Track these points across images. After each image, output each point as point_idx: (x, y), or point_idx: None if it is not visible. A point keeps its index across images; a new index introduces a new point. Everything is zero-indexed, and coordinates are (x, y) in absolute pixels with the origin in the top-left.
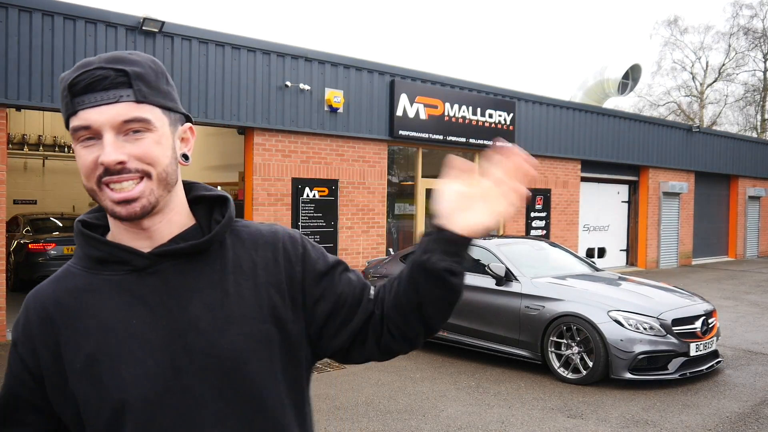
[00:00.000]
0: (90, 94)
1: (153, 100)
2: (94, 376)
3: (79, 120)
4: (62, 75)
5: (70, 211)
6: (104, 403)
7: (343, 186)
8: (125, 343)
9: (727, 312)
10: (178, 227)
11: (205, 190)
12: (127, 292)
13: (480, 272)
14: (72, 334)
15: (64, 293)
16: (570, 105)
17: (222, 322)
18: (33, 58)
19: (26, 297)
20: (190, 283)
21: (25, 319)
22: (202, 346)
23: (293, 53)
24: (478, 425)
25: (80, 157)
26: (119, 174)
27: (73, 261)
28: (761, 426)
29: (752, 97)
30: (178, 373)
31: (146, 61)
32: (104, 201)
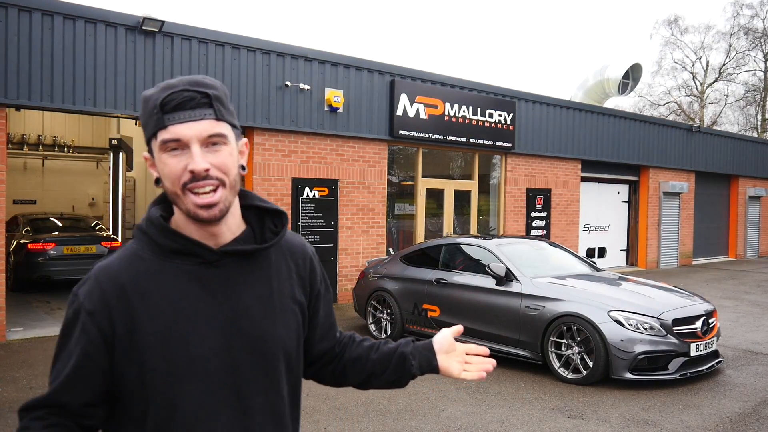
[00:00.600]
0: (179, 112)
1: (227, 118)
2: (164, 349)
3: (169, 133)
4: (146, 94)
5: (69, 210)
6: (171, 372)
7: (343, 186)
8: (193, 323)
9: (727, 312)
10: (234, 229)
11: (260, 201)
12: (196, 280)
13: (480, 272)
14: (147, 311)
15: (139, 274)
16: (570, 105)
17: (268, 312)
18: (33, 58)
19: (96, 272)
20: (245, 278)
21: (101, 292)
22: (252, 330)
23: (293, 53)
24: (478, 425)
25: (167, 165)
26: (204, 180)
27: (139, 246)
28: (761, 426)
29: (752, 96)
30: (231, 351)
31: (220, 85)
32: (186, 204)
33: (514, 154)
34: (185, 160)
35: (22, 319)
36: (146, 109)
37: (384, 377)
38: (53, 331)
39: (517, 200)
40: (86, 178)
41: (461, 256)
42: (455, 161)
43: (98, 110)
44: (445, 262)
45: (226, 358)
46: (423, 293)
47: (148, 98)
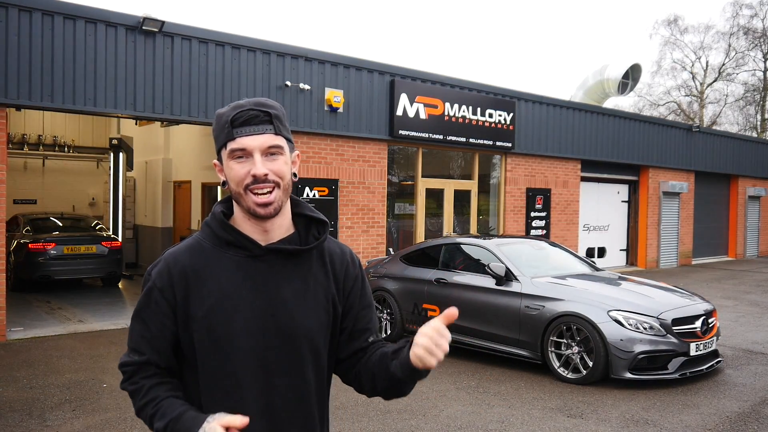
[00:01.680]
0: (246, 127)
1: (283, 133)
2: (210, 324)
3: (237, 144)
4: (219, 112)
5: (69, 210)
6: (215, 345)
7: (343, 186)
8: (236, 305)
9: (727, 312)
10: (283, 230)
11: (309, 211)
12: (243, 269)
13: (480, 272)
14: (199, 290)
15: (198, 260)
16: (570, 105)
17: (302, 306)
18: (33, 58)
19: (166, 257)
20: (286, 273)
21: (168, 273)
22: (286, 319)
23: (293, 53)
24: (478, 425)
25: (233, 170)
26: (263, 183)
27: (203, 236)
28: (761, 426)
29: (752, 96)
30: (265, 333)
31: (279, 106)
32: (247, 202)
33: (513, 154)
34: (248, 166)
35: (23, 318)
36: (219, 124)
37: (380, 380)
38: (54, 330)
39: (516, 200)
40: (86, 178)
41: (461, 255)
42: (455, 161)
43: (98, 110)
44: (445, 261)
45: (260, 338)
46: (423, 293)
47: (221, 115)
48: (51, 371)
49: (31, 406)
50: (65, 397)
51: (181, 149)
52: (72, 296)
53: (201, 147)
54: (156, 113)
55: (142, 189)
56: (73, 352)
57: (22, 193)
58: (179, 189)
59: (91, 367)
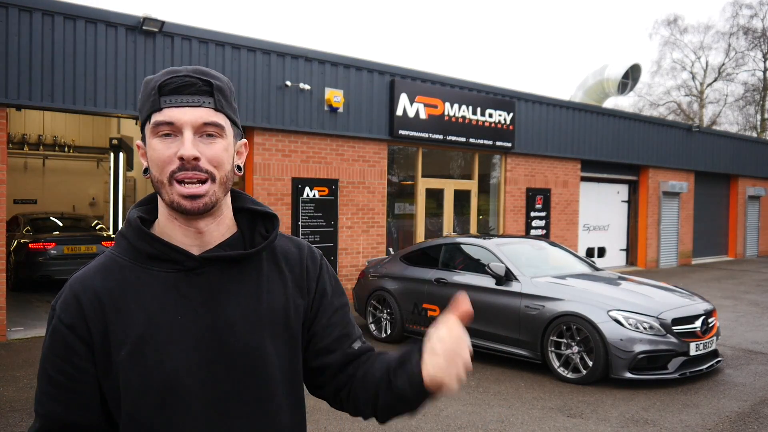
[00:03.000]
0: (177, 96)
1: (227, 111)
2: (138, 364)
3: (162, 116)
4: (148, 78)
5: (70, 210)
6: (146, 389)
7: (343, 186)
8: (170, 336)
9: (726, 311)
10: (222, 231)
11: (252, 204)
12: (175, 289)
13: (480, 272)
14: (120, 323)
15: (114, 284)
16: (570, 105)
17: (253, 326)
18: (33, 58)
19: (71, 283)
20: (230, 287)
21: (77, 303)
22: (235, 345)
23: (293, 53)
24: (478, 424)
25: (156, 150)
26: (193, 170)
27: (118, 251)
28: (761, 425)
29: (752, 96)
30: (211, 367)
31: (226, 80)
32: (171, 195)
33: (513, 154)
34: (176, 146)
35: (23, 318)
36: (145, 92)
37: (383, 400)
38: None
39: (516, 200)
40: (87, 177)
41: (461, 255)
42: (455, 161)
43: (98, 110)
44: (445, 261)
45: (205, 375)
46: (423, 293)
47: (149, 81)
48: None
49: (31, 406)
50: None
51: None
52: None
53: None
54: None
55: (142, 189)
56: None
57: (22, 193)
58: None
59: None
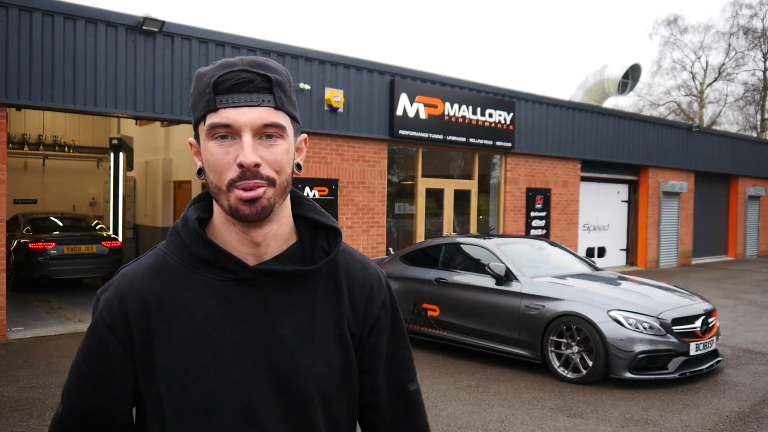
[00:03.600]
0: (234, 95)
1: (287, 108)
2: (183, 376)
3: (219, 117)
4: (201, 71)
5: (70, 210)
6: (188, 402)
7: (343, 186)
8: (217, 350)
9: (726, 311)
10: (281, 241)
11: (315, 214)
12: (226, 299)
13: (480, 272)
14: (167, 331)
15: (163, 286)
16: (570, 105)
17: (306, 344)
18: (33, 58)
19: (119, 280)
20: (284, 302)
21: (121, 303)
22: (285, 364)
23: (293, 53)
24: (478, 424)
25: (213, 155)
26: (253, 178)
27: (170, 250)
28: (761, 425)
29: (752, 96)
30: (259, 385)
31: (284, 70)
32: (229, 200)
33: (513, 154)
34: (234, 151)
35: (23, 318)
36: (198, 88)
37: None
38: (54, 330)
39: (516, 200)
40: (87, 177)
41: (461, 255)
42: (455, 161)
43: (98, 110)
44: (445, 261)
45: (252, 394)
46: (423, 293)
47: (202, 75)
48: (51, 371)
49: (31, 405)
50: None
51: (181, 149)
52: (72, 296)
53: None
54: (156, 113)
55: (142, 189)
56: (73, 352)
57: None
58: (179, 189)
59: None
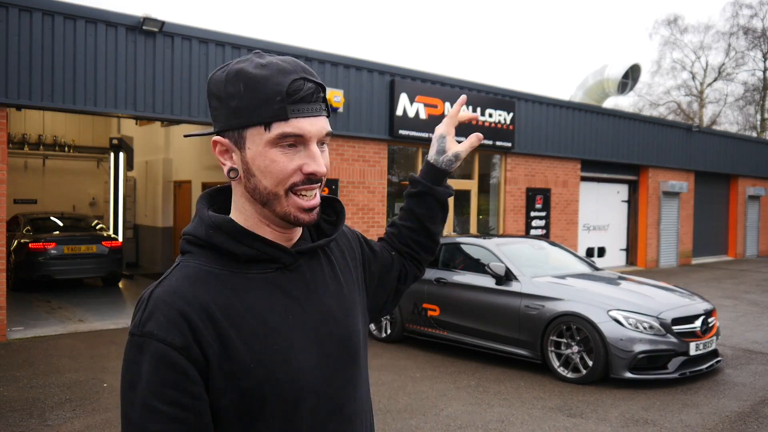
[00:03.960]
0: (304, 104)
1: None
2: (268, 373)
3: (290, 127)
4: (251, 72)
5: (70, 210)
6: (280, 395)
7: (343, 186)
8: (289, 338)
9: (726, 311)
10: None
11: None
12: (277, 288)
13: (480, 272)
14: (239, 335)
15: (220, 295)
16: (570, 105)
17: (348, 309)
18: (33, 58)
19: (166, 299)
20: (318, 277)
21: (186, 320)
22: (340, 331)
23: (293, 53)
24: (478, 424)
25: (276, 162)
26: (317, 183)
27: (203, 261)
28: (761, 425)
29: (752, 96)
30: (329, 359)
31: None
32: (286, 207)
33: (513, 154)
34: (299, 159)
35: (23, 318)
36: (256, 92)
37: (430, 221)
38: (54, 330)
39: (516, 200)
40: (87, 177)
41: (461, 255)
42: None
43: (98, 110)
44: (445, 261)
45: (324, 368)
46: (423, 292)
47: (257, 80)
48: (51, 371)
49: (31, 405)
50: (65, 396)
51: (181, 149)
52: (72, 296)
53: (201, 147)
54: (156, 113)
55: (142, 189)
56: (73, 352)
57: (22, 193)
58: (179, 189)
59: (91, 367)
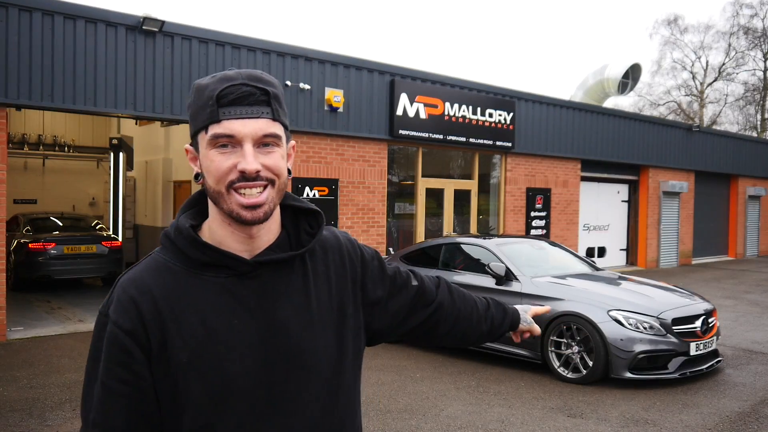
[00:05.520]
0: (236, 107)
1: (281, 119)
2: (199, 369)
3: (222, 128)
4: (201, 83)
5: (69, 210)
6: (207, 394)
7: (343, 185)
8: (227, 341)
9: (727, 311)
10: (272, 234)
11: (294, 201)
12: (229, 293)
13: (480, 272)
14: (179, 330)
15: (170, 290)
16: (570, 104)
17: (307, 323)
18: (33, 58)
19: (124, 287)
20: (281, 288)
21: (135, 309)
22: (291, 345)
23: (293, 53)
24: (478, 424)
25: (214, 161)
26: (253, 180)
27: (168, 257)
28: (761, 425)
29: (752, 96)
30: (271, 369)
31: (278, 83)
32: (229, 204)
33: (513, 154)
34: (235, 158)
35: (23, 318)
36: (199, 99)
37: (465, 337)
38: (54, 330)
39: (516, 200)
40: (86, 177)
41: (461, 255)
42: (455, 161)
43: (98, 110)
44: (445, 261)
45: (264, 375)
46: None
47: (203, 88)
48: (51, 371)
49: (31, 405)
50: (65, 396)
51: (180, 149)
52: (72, 296)
53: None
54: (156, 113)
55: (142, 189)
56: (73, 352)
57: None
58: (179, 189)
59: None
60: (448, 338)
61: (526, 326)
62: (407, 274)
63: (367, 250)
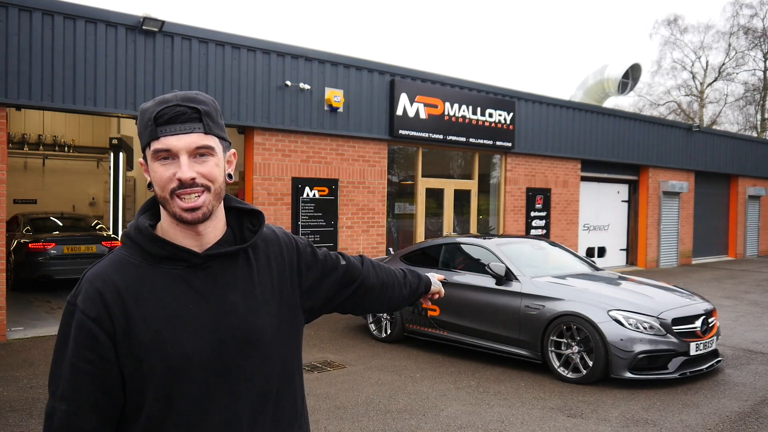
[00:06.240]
0: (171, 125)
1: (215, 132)
2: (160, 348)
3: (161, 144)
4: (144, 107)
5: (69, 210)
6: (168, 368)
7: (343, 185)
8: (185, 322)
9: (727, 311)
10: (218, 231)
11: (237, 203)
12: (184, 282)
13: (480, 272)
14: (141, 314)
15: (132, 281)
16: (570, 105)
17: (251, 305)
18: (33, 58)
19: (90, 279)
20: (229, 277)
21: (101, 297)
22: (239, 325)
23: (293, 53)
24: (478, 424)
25: (156, 173)
26: (190, 187)
27: (129, 252)
28: (761, 425)
29: (752, 96)
30: (223, 346)
31: (211, 101)
32: (173, 208)
33: (513, 154)
34: (174, 168)
35: (23, 318)
36: (142, 121)
37: (389, 304)
38: (54, 330)
39: (516, 200)
40: (86, 177)
41: (461, 255)
42: (455, 161)
43: (98, 110)
44: (445, 261)
45: (217, 351)
46: None
47: (145, 111)
48: None
49: (31, 405)
50: None
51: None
52: None
53: None
54: None
55: (141, 189)
56: None
57: (22, 192)
58: None
59: None
60: (377, 304)
61: (436, 288)
62: (336, 257)
63: (301, 240)
